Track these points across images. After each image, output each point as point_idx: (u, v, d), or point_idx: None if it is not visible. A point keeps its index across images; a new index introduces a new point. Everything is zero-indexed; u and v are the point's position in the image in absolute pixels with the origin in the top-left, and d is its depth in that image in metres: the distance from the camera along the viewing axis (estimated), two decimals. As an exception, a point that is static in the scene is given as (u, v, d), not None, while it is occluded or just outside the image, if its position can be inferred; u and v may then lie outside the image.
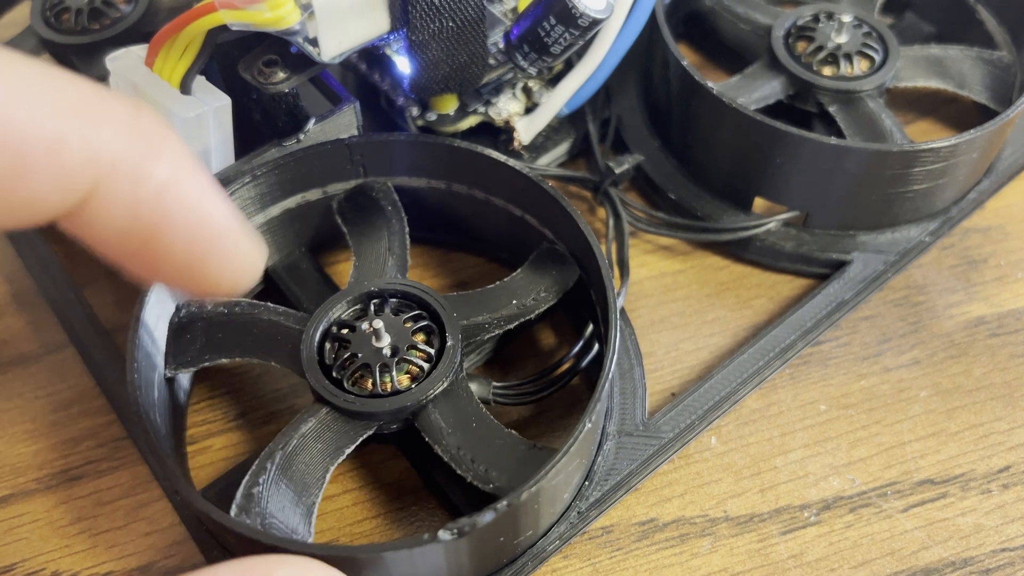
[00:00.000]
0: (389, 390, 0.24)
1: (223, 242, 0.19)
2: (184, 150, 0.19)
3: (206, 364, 0.25)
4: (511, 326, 0.26)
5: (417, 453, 0.26)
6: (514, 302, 0.26)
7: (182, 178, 0.18)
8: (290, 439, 0.23)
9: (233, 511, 0.22)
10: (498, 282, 0.27)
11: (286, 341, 0.25)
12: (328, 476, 0.23)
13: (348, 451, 0.24)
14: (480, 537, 0.21)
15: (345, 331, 0.25)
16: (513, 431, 0.24)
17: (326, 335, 0.25)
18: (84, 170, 0.17)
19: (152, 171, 0.18)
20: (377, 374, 0.24)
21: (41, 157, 0.16)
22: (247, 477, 0.23)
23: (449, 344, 0.25)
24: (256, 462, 0.23)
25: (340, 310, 0.26)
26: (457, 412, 0.24)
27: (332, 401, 0.24)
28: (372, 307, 0.26)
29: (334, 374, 0.24)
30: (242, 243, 0.20)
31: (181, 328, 0.25)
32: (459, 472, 0.23)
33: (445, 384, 0.24)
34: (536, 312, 0.26)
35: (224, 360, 0.25)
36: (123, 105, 0.18)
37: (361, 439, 0.24)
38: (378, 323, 0.24)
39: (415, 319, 0.25)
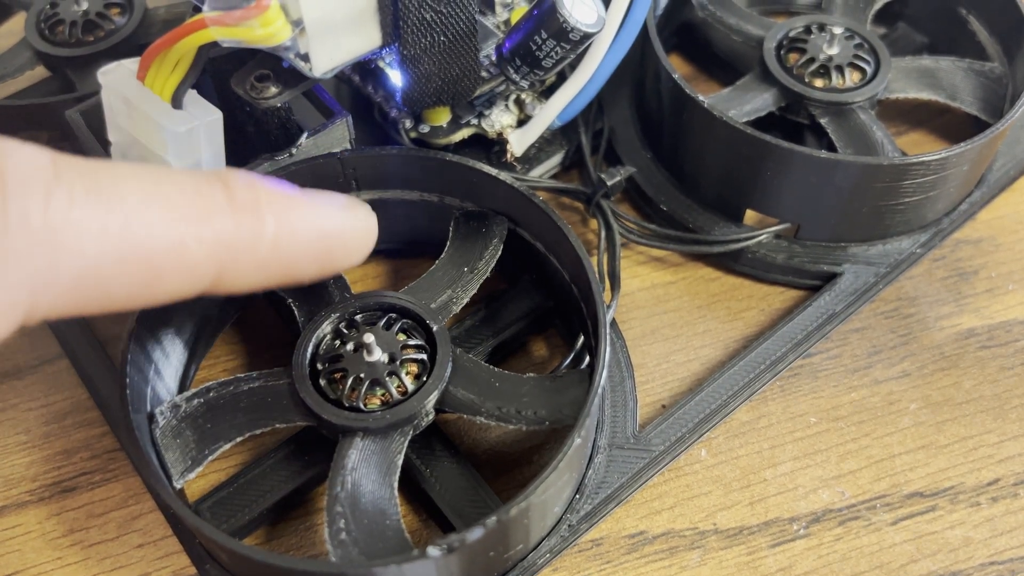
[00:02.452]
0: (402, 395, 0.24)
1: (341, 238, 0.22)
2: (278, 192, 0.21)
3: (211, 458, 0.24)
4: (475, 290, 0.27)
5: (407, 468, 0.26)
6: (465, 269, 0.27)
7: (286, 220, 0.21)
8: (343, 478, 0.23)
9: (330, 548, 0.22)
10: (436, 261, 0.27)
11: (278, 398, 0.25)
12: (395, 493, 0.23)
13: (400, 460, 0.24)
14: (470, 552, 0.21)
15: (333, 363, 0.25)
16: (531, 373, 0.25)
17: (316, 374, 0.25)
18: (207, 262, 0.19)
19: (262, 234, 0.20)
20: (389, 384, 0.24)
21: (167, 264, 0.19)
22: (328, 530, 0.22)
23: (435, 329, 0.25)
24: (325, 514, 0.22)
25: (319, 342, 0.25)
26: (475, 381, 0.25)
27: (362, 426, 0.23)
28: (348, 329, 0.26)
29: (346, 404, 0.24)
30: (356, 226, 0.23)
31: (167, 437, 0.24)
32: (512, 426, 0.24)
33: (449, 365, 0.25)
34: (490, 268, 0.27)
35: (226, 445, 0.24)
36: (219, 188, 0.20)
37: (406, 444, 0.24)
38: (368, 338, 0.24)
39: (391, 323, 0.26)
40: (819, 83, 0.32)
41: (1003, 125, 0.29)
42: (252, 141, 0.28)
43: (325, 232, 0.22)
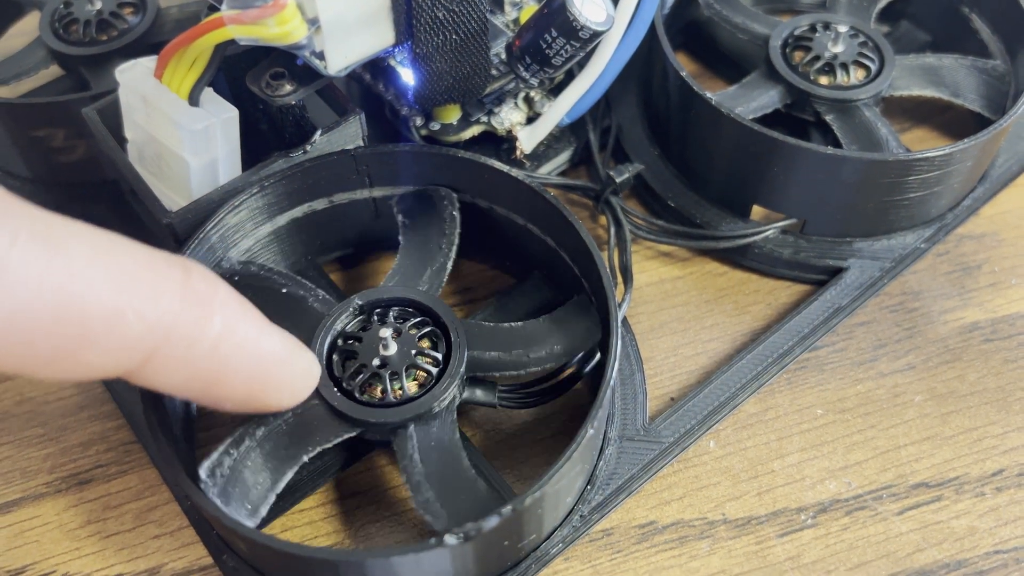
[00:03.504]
0: (400, 397, 0.25)
1: (279, 370, 0.21)
2: (234, 298, 0.20)
3: (272, 499, 0.24)
4: (452, 259, 0.27)
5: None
6: (431, 245, 0.27)
7: (233, 327, 0.20)
8: (416, 471, 0.23)
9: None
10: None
11: (318, 420, 0.24)
12: (469, 464, 0.24)
13: (457, 434, 0.24)
14: (485, 541, 0.22)
15: (351, 342, 0.25)
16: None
17: (332, 348, 0.25)
18: (141, 341, 0.18)
19: (205, 331, 0.19)
20: (388, 382, 0.25)
21: (102, 330, 0.17)
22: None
23: (434, 306, 0.26)
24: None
25: (344, 322, 0.26)
26: (491, 339, 0.26)
27: (411, 416, 0.24)
28: (351, 335, 0.26)
29: (344, 385, 0.25)
30: (296, 364, 0.22)
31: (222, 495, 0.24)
32: (535, 368, 0.25)
33: (463, 333, 0.25)
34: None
35: (283, 482, 0.24)
36: (176, 270, 0.19)
37: (456, 420, 0.24)
38: (385, 332, 0.25)
39: (389, 316, 0.26)
40: (824, 80, 0.32)
41: (1006, 122, 0.30)
42: (266, 138, 0.28)
43: (267, 355, 0.21)
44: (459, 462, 0.24)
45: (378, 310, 0.26)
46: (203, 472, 0.23)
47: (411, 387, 0.25)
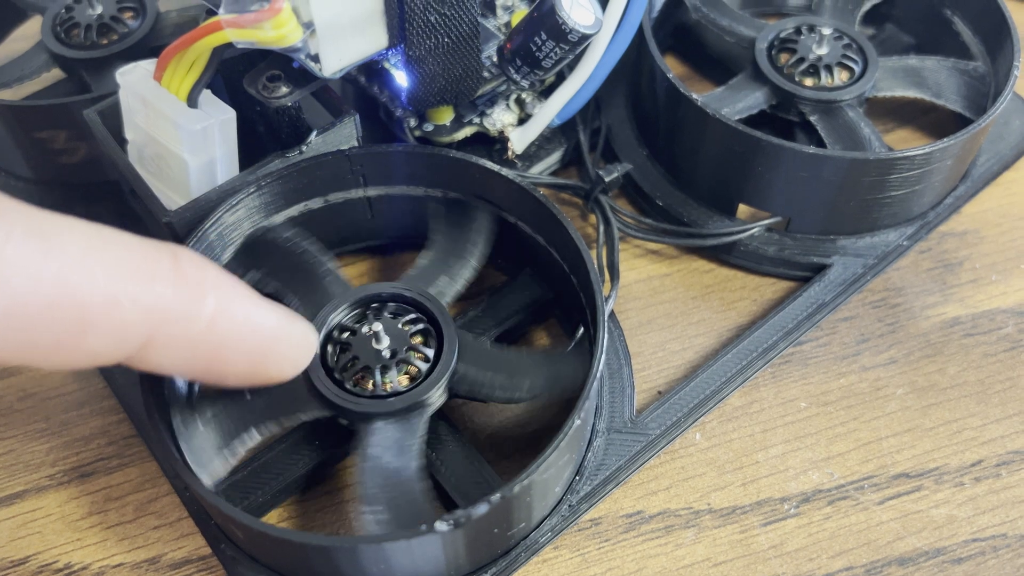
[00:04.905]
0: (414, 379, 0.25)
1: (276, 342, 0.22)
2: (225, 278, 0.21)
3: (240, 455, 0.25)
4: (470, 275, 0.28)
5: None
6: (455, 256, 0.28)
7: (227, 306, 0.20)
8: (370, 464, 0.24)
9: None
10: (424, 251, 0.28)
11: (297, 392, 0.25)
12: (423, 472, 0.24)
13: (423, 440, 0.25)
14: (475, 528, 0.22)
15: (346, 335, 0.26)
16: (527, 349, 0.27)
17: (329, 367, 0.26)
18: (138, 325, 0.19)
19: (200, 311, 0.20)
20: (401, 367, 0.25)
21: (99, 317, 0.18)
22: (364, 514, 0.24)
23: (438, 314, 0.26)
24: (357, 500, 0.24)
25: (328, 335, 0.26)
26: (480, 360, 0.26)
27: (381, 411, 0.25)
28: (356, 321, 0.27)
29: (361, 393, 0.25)
30: (293, 335, 0.22)
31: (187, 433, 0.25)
32: (514, 402, 0.26)
33: (456, 346, 0.26)
34: (479, 258, 0.28)
35: (251, 443, 0.25)
36: (166, 257, 0.19)
37: (426, 424, 0.25)
38: (376, 327, 0.25)
39: (395, 312, 0.27)
40: (809, 82, 0.33)
41: (984, 122, 0.30)
42: (263, 139, 0.29)
43: (263, 329, 0.21)
44: (408, 468, 0.24)
45: (375, 304, 0.27)
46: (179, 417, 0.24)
47: (401, 381, 0.25)
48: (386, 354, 0.25)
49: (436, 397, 0.25)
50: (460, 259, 0.28)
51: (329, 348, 0.26)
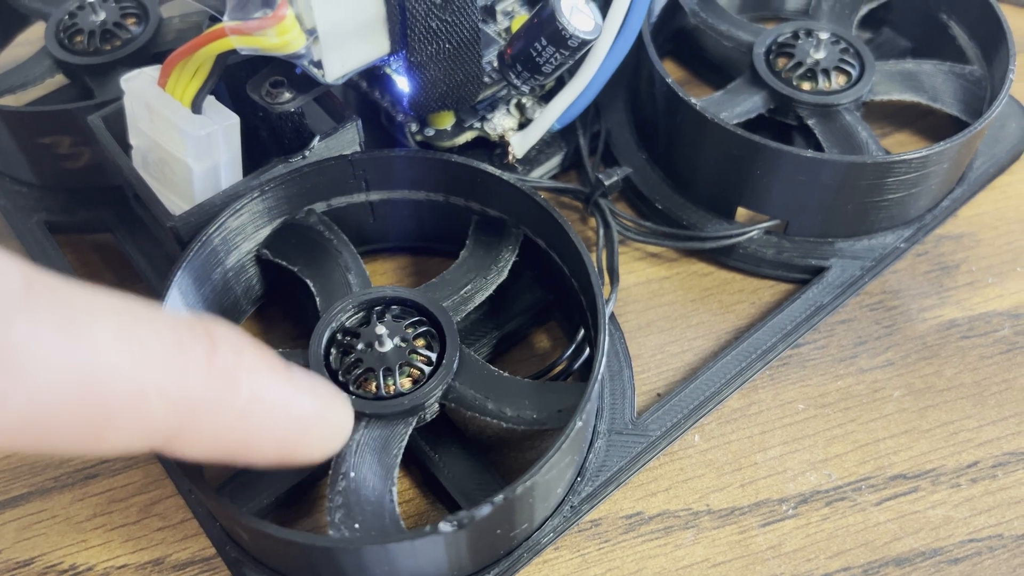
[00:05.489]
0: (410, 386, 0.26)
1: (311, 427, 0.21)
2: (262, 360, 0.19)
3: None
4: (490, 292, 0.28)
5: (416, 453, 0.27)
6: (479, 273, 0.28)
7: (262, 394, 0.19)
8: (346, 462, 0.24)
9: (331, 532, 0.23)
10: (453, 264, 0.29)
11: None
12: (395, 479, 0.24)
13: (402, 447, 0.25)
14: (478, 529, 0.23)
15: (348, 338, 0.26)
16: (529, 378, 0.27)
17: (331, 343, 0.26)
18: (165, 420, 0.17)
19: (232, 402, 0.18)
20: (397, 375, 0.25)
21: (122, 412, 0.17)
22: (329, 510, 0.23)
23: (446, 326, 0.26)
24: (328, 495, 0.24)
25: (336, 330, 0.27)
26: (478, 379, 0.26)
27: (369, 411, 0.25)
28: (364, 320, 0.27)
29: (355, 390, 0.25)
30: (328, 419, 0.21)
31: None
32: (506, 425, 0.25)
33: (456, 361, 0.26)
34: (504, 275, 0.28)
35: None
36: (201, 343, 0.18)
37: (409, 433, 0.25)
38: (381, 329, 0.26)
39: (404, 318, 0.27)
40: (806, 86, 0.33)
41: (980, 125, 0.31)
42: (266, 144, 0.29)
43: (297, 417, 0.20)
44: (388, 475, 0.24)
45: (378, 308, 0.27)
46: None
47: (404, 383, 0.26)
48: (388, 358, 0.26)
49: (427, 407, 0.26)
50: (483, 277, 0.28)
51: (335, 342, 0.26)
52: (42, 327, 0.15)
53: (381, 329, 0.26)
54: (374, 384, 0.25)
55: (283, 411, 0.20)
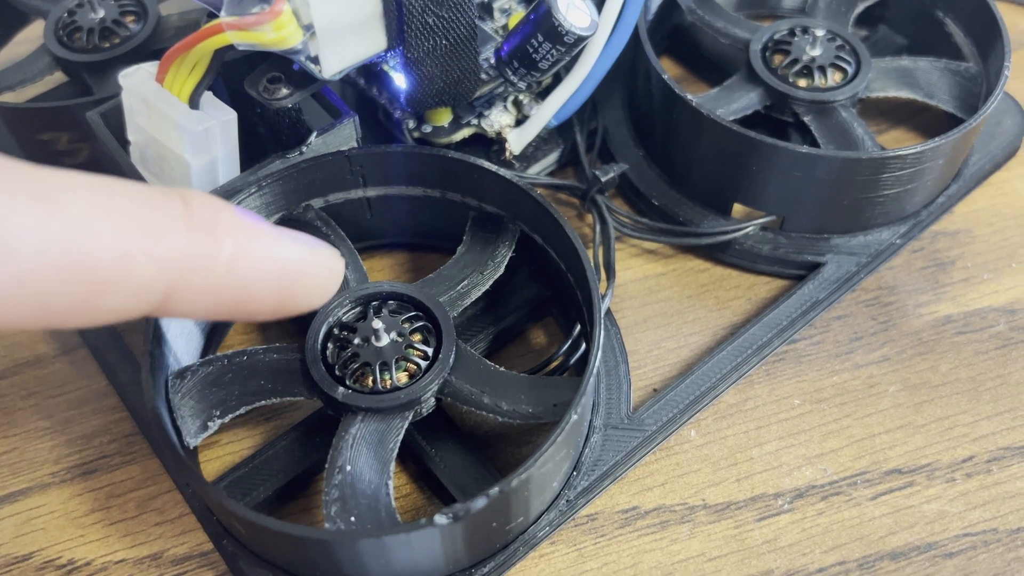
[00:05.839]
0: (406, 381, 0.26)
1: (301, 275, 0.21)
2: (242, 217, 0.20)
3: (220, 422, 0.25)
4: (486, 287, 0.28)
5: (412, 448, 0.27)
6: (476, 269, 0.28)
7: (246, 247, 0.20)
8: (342, 455, 0.24)
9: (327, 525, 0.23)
10: (450, 259, 0.29)
11: (289, 373, 0.26)
12: (391, 473, 0.24)
13: (398, 441, 0.25)
14: (474, 522, 0.23)
15: (344, 345, 0.26)
16: (525, 373, 0.27)
17: (328, 338, 0.27)
18: (155, 279, 0.18)
19: (217, 257, 0.19)
20: (393, 369, 0.26)
21: (114, 276, 0.18)
22: (326, 503, 0.24)
23: (442, 322, 0.26)
24: (324, 488, 0.24)
25: (333, 324, 0.27)
26: (474, 374, 0.26)
27: (365, 406, 0.25)
28: (361, 314, 0.27)
29: (351, 385, 0.26)
30: (317, 265, 0.22)
31: (178, 399, 0.26)
32: (501, 419, 0.25)
33: (452, 356, 0.26)
34: (500, 271, 0.28)
35: (234, 414, 0.26)
36: (176, 204, 0.19)
37: (405, 427, 0.25)
38: (378, 324, 0.26)
39: (401, 312, 0.27)
40: (803, 83, 0.34)
41: (975, 121, 0.31)
42: (263, 140, 0.29)
43: (286, 265, 0.21)
44: (384, 469, 0.24)
45: (375, 303, 0.27)
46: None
47: (401, 378, 0.26)
48: (384, 352, 0.26)
49: (423, 402, 0.26)
50: (480, 273, 0.28)
51: (332, 337, 0.27)
52: (19, 204, 0.16)
53: (378, 324, 0.26)
54: (371, 379, 0.26)
55: (272, 261, 0.20)
